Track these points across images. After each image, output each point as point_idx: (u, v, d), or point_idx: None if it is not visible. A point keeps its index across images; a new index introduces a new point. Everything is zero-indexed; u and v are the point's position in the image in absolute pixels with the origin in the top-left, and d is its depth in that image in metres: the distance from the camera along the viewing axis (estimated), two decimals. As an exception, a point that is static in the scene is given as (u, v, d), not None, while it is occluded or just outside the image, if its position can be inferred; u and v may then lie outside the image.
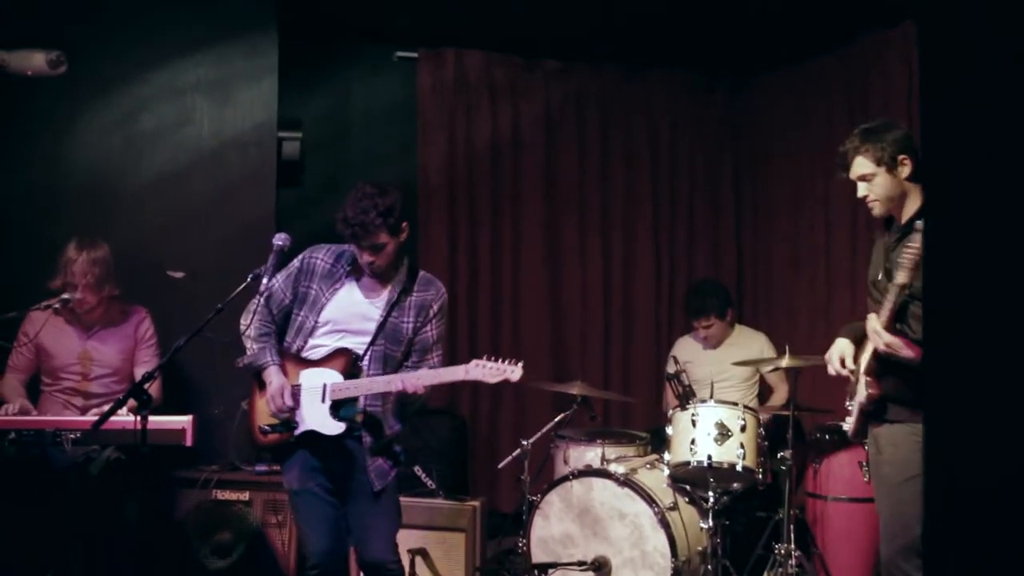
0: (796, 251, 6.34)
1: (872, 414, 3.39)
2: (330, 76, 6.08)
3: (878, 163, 3.29)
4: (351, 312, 3.56)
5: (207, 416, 4.68)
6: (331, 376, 3.48)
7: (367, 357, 3.52)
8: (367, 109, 6.19)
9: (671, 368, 4.92)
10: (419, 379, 3.39)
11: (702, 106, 6.81)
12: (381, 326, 3.52)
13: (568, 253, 6.51)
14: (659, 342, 6.60)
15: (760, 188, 6.76)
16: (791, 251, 6.39)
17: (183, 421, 4.07)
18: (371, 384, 3.43)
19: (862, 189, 3.36)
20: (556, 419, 5.09)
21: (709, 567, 4.31)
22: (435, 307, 3.61)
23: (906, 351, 3.17)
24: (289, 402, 3.49)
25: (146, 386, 3.32)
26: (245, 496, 4.49)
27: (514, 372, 3.34)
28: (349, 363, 3.49)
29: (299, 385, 3.53)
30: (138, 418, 3.28)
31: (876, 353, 3.28)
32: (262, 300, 3.59)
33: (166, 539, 4.37)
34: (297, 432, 3.51)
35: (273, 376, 3.54)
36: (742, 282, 6.88)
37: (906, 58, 5.38)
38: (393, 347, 3.55)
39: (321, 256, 3.65)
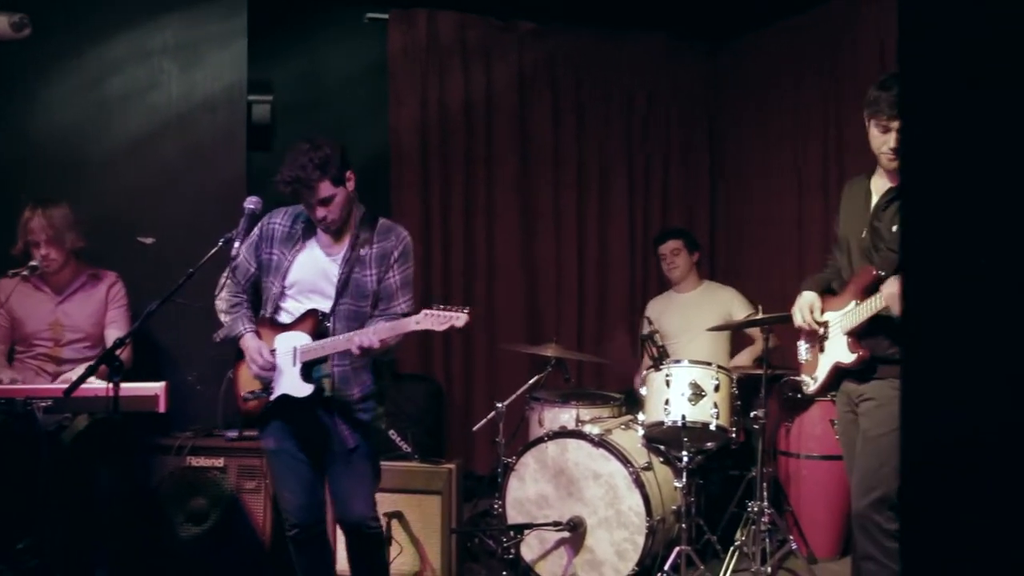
0: (769, 213, 6.36)
1: (857, 374, 3.38)
2: (300, 38, 6.01)
3: None
4: (314, 272, 3.51)
5: (180, 382, 4.68)
6: (300, 339, 3.46)
7: (334, 316, 3.47)
8: (338, 71, 6.13)
9: (645, 329, 4.94)
10: (374, 333, 3.31)
11: (677, 69, 6.79)
12: (342, 283, 3.48)
13: (542, 216, 6.50)
14: (633, 303, 6.62)
15: (734, 150, 6.77)
16: (764, 213, 6.41)
17: (156, 387, 4.04)
18: (334, 343, 3.39)
19: (895, 140, 3.23)
20: (530, 381, 5.11)
21: (683, 526, 4.35)
22: (396, 253, 3.53)
23: None
24: (269, 358, 3.46)
25: (118, 352, 3.30)
26: (219, 462, 4.48)
27: (459, 319, 3.30)
28: (316, 324, 3.45)
29: (274, 350, 3.50)
30: (110, 385, 3.26)
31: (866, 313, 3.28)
32: (228, 272, 3.54)
33: (140, 506, 4.37)
34: (272, 397, 3.49)
35: (249, 342, 3.52)
36: (715, 243, 6.91)
37: (877, 18, 5.37)
38: (360, 302, 3.50)
39: (279, 220, 3.59)
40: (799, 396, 5.07)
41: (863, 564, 3.32)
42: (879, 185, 3.40)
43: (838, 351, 3.43)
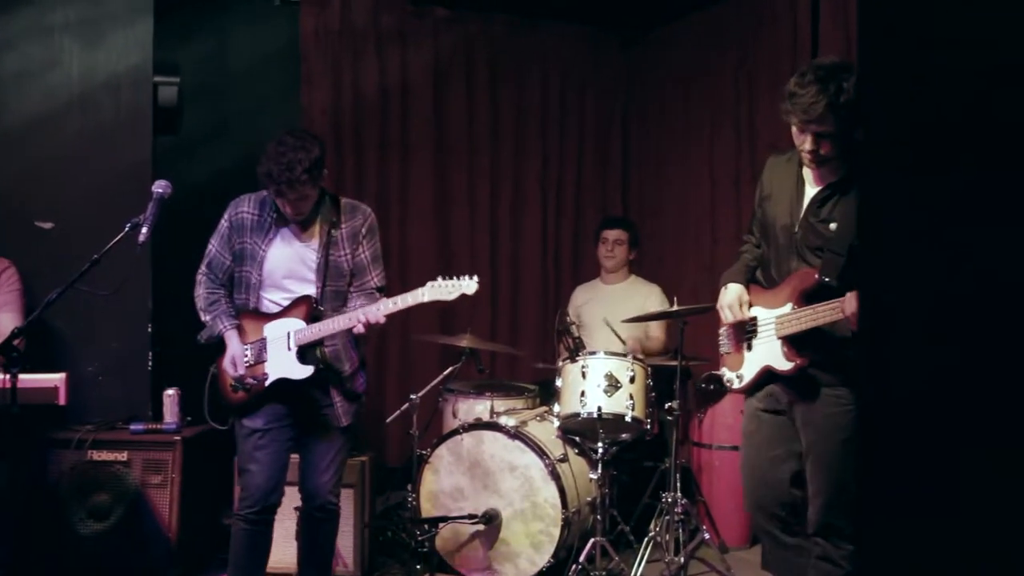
0: (682, 204, 6.40)
1: (792, 381, 3.25)
2: (209, 19, 5.81)
3: (844, 129, 3.06)
4: (291, 261, 3.60)
5: (81, 373, 4.51)
6: (294, 324, 3.54)
7: (322, 299, 3.58)
8: (248, 54, 5.94)
9: (561, 322, 4.92)
10: (379, 311, 3.42)
11: (591, 60, 6.79)
12: (323, 268, 3.57)
13: (456, 204, 6.44)
14: (546, 294, 6.61)
15: (648, 142, 6.80)
16: (677, 204, 6.46)
17: (56, 379, 3.89)
18: (333, 324, 3.48)
19: (812, 143, 3.10)
20: (444, 372, 5.05)
21: (598, 517, 4.35)
22: (364, 230, 3.67)
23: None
24: (242, 371, 3.55)
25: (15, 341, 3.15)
26: (123, 456, 4.33)
27: (469, 286, 3.48)
28: (310, 309, 3.54)
29: (264, 338, 3.58)
30: (7, 376, 3.11)
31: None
32: (204, 268, 3.65)
33: (39, 503, 4.19)
34: (268, 383, 3.55)
35: (231, 342, 3.58)
36: (628, 234, 6.93)
37: (791, 9, 5.43)
38: (339, 282, 3.63)
39: (247, 209, 3.64)
40: (711, 387, 5.12)
41: (819, 564, 3.24)
42: (811, 177, 3.24)
43: (770, 355, 3.28)
